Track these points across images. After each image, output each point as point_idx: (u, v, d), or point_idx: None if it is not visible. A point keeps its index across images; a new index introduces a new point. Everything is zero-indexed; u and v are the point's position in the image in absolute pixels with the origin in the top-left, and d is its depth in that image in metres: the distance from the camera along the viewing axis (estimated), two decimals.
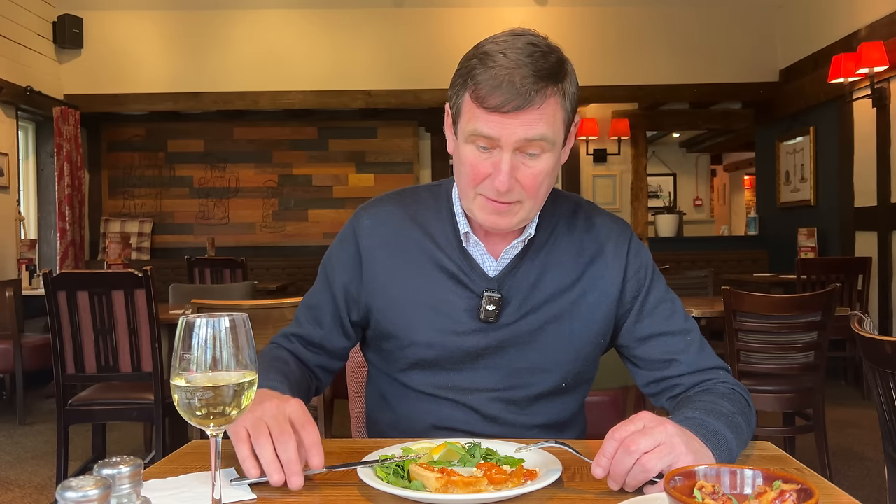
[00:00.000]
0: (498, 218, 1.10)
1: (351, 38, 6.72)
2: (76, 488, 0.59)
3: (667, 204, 11.50)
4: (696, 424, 0.95)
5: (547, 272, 1.18)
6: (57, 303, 2.91)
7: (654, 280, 1.22)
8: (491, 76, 1.03)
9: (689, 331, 1.19)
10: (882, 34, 5.06)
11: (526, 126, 1.03)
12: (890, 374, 1.54)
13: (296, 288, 7.04)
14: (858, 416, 4.51)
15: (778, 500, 0.72)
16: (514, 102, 1.02)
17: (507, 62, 1.03)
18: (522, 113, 1.02)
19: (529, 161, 1.06)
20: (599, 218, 1.24)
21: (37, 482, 3.48)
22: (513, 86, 1.01)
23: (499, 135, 1.04)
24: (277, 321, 2.64)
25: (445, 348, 1.16)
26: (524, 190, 1.07)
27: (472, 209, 1.12)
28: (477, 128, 1.05)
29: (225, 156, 7.56)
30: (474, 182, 1.09)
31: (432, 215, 1.21)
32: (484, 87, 1.03)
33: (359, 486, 0.90)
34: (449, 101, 1.13)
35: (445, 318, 1.16)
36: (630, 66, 6.75)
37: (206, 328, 0.76)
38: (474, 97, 1.04)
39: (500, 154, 1.05)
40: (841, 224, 5.74)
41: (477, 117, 1.05)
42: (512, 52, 1.04)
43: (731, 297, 2.95)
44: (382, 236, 1.21)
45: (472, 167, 1.08)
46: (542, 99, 1.03)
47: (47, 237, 6.59)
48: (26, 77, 6.04)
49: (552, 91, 1.04)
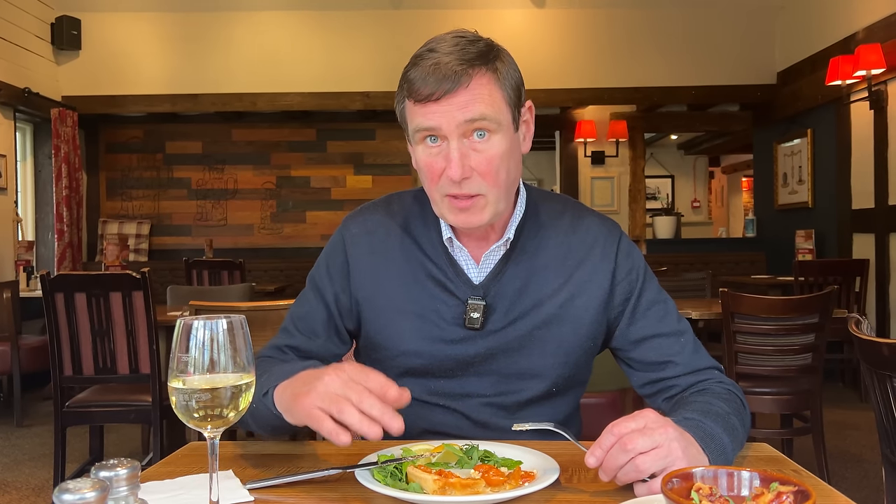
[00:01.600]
0: (467, 216, 1.09)
1: (349, 39, 6.72)
2: (73, 491, 0.59)
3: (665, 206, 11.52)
4: (693, 426, 0.95)
5: (533, 277, 1.17)
6: (54, 304, 2.91)
7: (646, 281, 1.20)
8: (419, 70, 1.06)
9: (683, 332, 1.19)
10: (879, 37, 5.07)
11: (462, 109, 1.04)
12: (887, 376, 1.54)
13: (294, 290, 7.03)
14: (856, 418, 4.52)
15: (775, 501, 0.72)
16: (443, 87, 1.04)
17: (434, 55, 1.06)
18: (454, 96, 1.04)
19: (479, 145, 1.07)
20: (587, 219, 1.22)
21: (34, 484, 3.47)
22: (439, 72, 1.04)
23: (438, 123, 1.05)
24: (276, 323, 2.64)
25: (434, 357, 1.16)
26: (481, 178, 1.07)
27: (443, 213, 1.12)
28: (418, 123, 1.07)
29: (223, 157, 7.55)
30: (434, 182, 1.09)
31: (419, 222, 1.21)
32: (415, 83, 1.06)
33: (356, 488, 0.90)
34: (398, 116, 1.14)
35: (433, 327, 1.16)
36: (628, 68, 6.76)
37: (204, 330, 0.76)
38: (409, 96, 1.07)
39: (448, 144, 1.06)
40: (838, 226, 5.74)
41: (415, 113, 1.07)
42: (439, 46, 1.07)
43: (728, 299, 2.95)
44: (370, 245, 1.21)
45: (427, 166, 1.09)
46: (470, 79, 1.04)
47: (45, 239, 6.59)
48: (24, 78, 6.04)
49: (481, 71, 1.06)
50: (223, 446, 1.03)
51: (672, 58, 6.73)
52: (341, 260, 1.22)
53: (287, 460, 1.04)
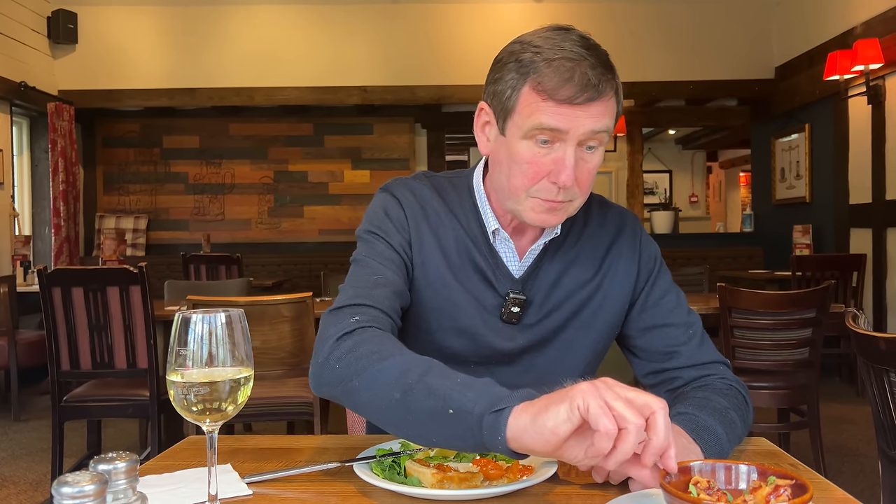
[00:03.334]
0: (550, 216, 1.07)
1: (347, 34, 6.71)
2: (72, 484, 0.59)
3: (663, 201, 11.52)
4: (687, 420, 0.96)
5: (567, 270, 1.18)
6: (52, 299, 2.90)
7: (660, 271, 1.22)
8: (557, 68, 1.00)
9: (692, 324, 1.19)
10: (877, 31, 5.07)
11: (594, 118, 1.01)
12: (884, 371, 1.55)
13: (291, 284, 7.04)
14: (853, 413, 4.53)
15: (773, 494, 0.72)
16: (587, 94, 0.99)
17: (569, 54, 1.00)
18: (593, 104, 1.01)
19: (587, 155, 1.05)
20: (611, 210, 1.24)
21: (32, 479, 3.47)
22: (585, 77, 0.99)
23: (567, 127, 1.00)
24: (273, 317, 2.63)
25: (473, 342, 1.15)
26: (579, 187, 1.05)
27: (521, 209, 1.08)
28: (542, 121, 1.01)
29: (220, 152, 7.53)
30: (531, 181, 1.04)
31: (462, 208, 1.18)
32: (552, 79, 0.99)
33: (355, 481, 0.90)
34: (490, 98, 1.07)
35: (474, 313, 1.15)
36: (626, 62, 6.73)
37: (203, 324, 0.76)
38: (540, 90, 1.00)
39: (564, 148, 1.02)
40: (836, 221, 5.75)
41: (542, 110, 1.01)
42: (569, 45, 1.02)
43: (726, 293, 2.95)
44: (423, 213, 1.17)
45: (532, 164, 1.04)
46: (608, 90, 1.03)
47: (42, 233, 6.57)
48: (20, 72, 6.02)
49: (612, 83, 1.04)
50: (222, 440, 1.03)
51: (670, 53, 6.73)
52: (401, 215, 1.15)
53: (285, 454, 1.04)
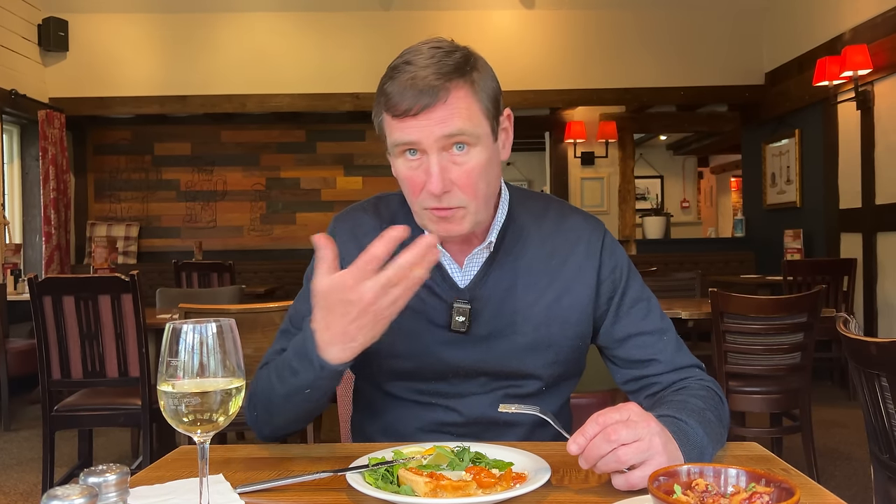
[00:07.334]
0: (448, 225, 1.09)
1: (339, 41, 6.71)
2: (62, 497, 0.58)
3: (654, 206, 11.56)
4: (669, 423, 0.97)
5: (519, 278, 1.17)
6: (42, 308, 2.89)
7: (629, 279, 1.21)
8: (397, 85, 1.04)
9: (666, 330, 1.20)
10: (866, 37, 5.12)
11: (441, 124, 1.03)
12: (875, 375, 1.56)
13: (284, 291, 7.02)
14: (844, 417, 4.55)
15: (746, 501, 0.73)
16: (421, 103, 1.03)
17: (411, 68, 1.04)
18: (432, 111, 1.03)
19: (458, 158, 1.06)
20: (571, 218, 1.23)
21: (22, 489, 3.45)
22: (416, 87, 1.03)
23: (417, 138, 1.04)
24: (265, 325, 2.63)
25: (423, 360, 1.16)
26: (461, 191, 1.07)
27: (424, 223, 1.12)
28: (396, 138, 1.06)
29: (212, 159, 7.52)
30: (415, 195, 1.09)
31: (391, 223, 1.19)
32: (392, 98, 1.04)
33: (347, 491, 0.90)
34: (377, 128, 1.13)
35: (421, 330, 1.16)
36: (617, 69, 6.78)
37: (193, 334, 0.76)
38: (387, 110, 1.06)
39: (428, 157, 1.06)
40: (826, 226, 5.78)
41: (394, 128, 1.06)
42: (416, 58, 1.05)
43: (718, 298, 2.96)
44: (360, 247, 1.20)
45: (408, 179, 1.08)
46: (447, 93, 1.03)
47: (32, 241, 6.54)
48: (11, 80, 5.99)
49: (458, 84, 1.04)
50: (213, 450, 1.03)
51: (661, 59, 6.76)
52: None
53: (278, 464, 1.04)
